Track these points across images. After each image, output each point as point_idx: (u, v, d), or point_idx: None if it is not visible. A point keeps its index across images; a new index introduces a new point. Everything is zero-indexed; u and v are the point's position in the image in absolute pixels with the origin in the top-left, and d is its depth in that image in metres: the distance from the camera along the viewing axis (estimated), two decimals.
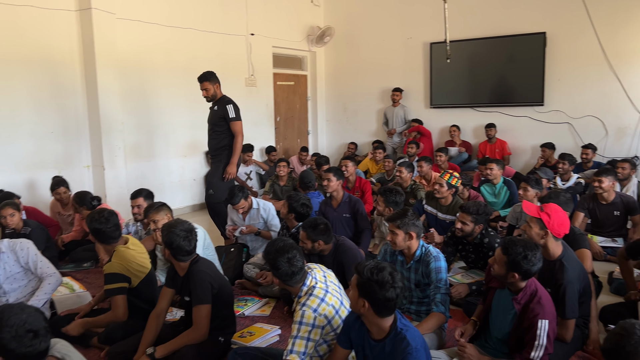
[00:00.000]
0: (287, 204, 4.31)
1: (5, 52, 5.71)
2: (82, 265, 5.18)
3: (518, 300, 2.62)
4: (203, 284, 2.96)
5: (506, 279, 2.63)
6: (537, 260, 2.56)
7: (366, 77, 9.79)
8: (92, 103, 6.42)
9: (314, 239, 3.56)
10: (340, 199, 5.02)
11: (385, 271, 2.21)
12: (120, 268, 3.25)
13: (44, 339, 1.89)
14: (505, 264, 2.60)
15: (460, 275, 4.19)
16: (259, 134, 9.03)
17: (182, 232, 2.99)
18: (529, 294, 2.60)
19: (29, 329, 1.85)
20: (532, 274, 2.61)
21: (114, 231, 3.37)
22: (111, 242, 3.39)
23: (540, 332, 2.49)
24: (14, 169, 5.91)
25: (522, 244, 2.59)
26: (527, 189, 4.73)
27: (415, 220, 3.16)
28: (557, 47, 7.82)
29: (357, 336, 2.40)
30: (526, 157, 8.35)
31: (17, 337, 1.83)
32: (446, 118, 8.96)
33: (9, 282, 3.52)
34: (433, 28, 8.45)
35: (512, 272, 2.58)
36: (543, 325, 2.49)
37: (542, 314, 2.51)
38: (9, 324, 1.84)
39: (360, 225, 4.89)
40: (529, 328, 2.52)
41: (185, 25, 7.53)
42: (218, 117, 5.41)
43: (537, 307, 2.53)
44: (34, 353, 1.86)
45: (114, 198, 6.39)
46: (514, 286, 2.65)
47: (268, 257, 2.72)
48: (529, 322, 2.53)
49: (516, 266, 2.56)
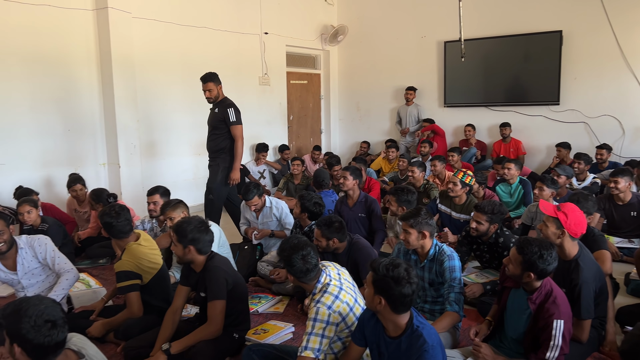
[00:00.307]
0: (300, 203, 4.32)
1: (24, 51, 5.80)
2: (98, 261, 5.24)
3: (533, 300, 2.61)
4: (218, 279, 2.99)
5: (521, 278, 2.61)
6: (552, 260, 2.54)
7: (379, 75, 9.77)
8: (108, 101, 6.50)
9: (328, 236, 3.57)
10: (357, 198, 5.02)
11: (400, 267, 2.21)
12: (130, 265, 3.29)
13: (62, 330, 1.91)
14: (520, 263, 2.58)
15: (475, 274, 4.18)
16: (272, 133, 9.07)
17: (199, 225, 3.07)
18: (544, 293, 2.59)
19: (47, 319, 1.88)
20: (548, 274, 2.59)
21: (124, 226, 3.40)
22: (122, 237, 3.43)
23: (555, 333, 2.47)
24: (32, 166, 6.00)
25: (537, 243, 2.58)
26: (543, 189, 4.69)
27: (429, 219, 3.16)
28: (573, 46, 7.73)
29: (372, 333, 2.40)
30: (541, 156, 8.27)
31: (36, 327, 1.86)
32: (460, 117, 8.91)
33: (27, 278, 3.57)
34: (447, 27, 8.40)
35: (527, 272, 2.56)
36: (558, 326, 2.47)
37: (558, 314, 2.49)
38: (28, 314, 1.87)
39: (375, 225, 4.89)
40: (544, 328, 2.51)
41: (200, 24, 7.58)
42: (218, 120, 5.33)
43: (552, 307, 2.51)
44: (51, 343, 1.89)
45: (129, 195, 6.46)
46: (529, 286, 2.63)
47: (283, 254, 2.74)
48: (544, 322, 2.51)
49: (532, 266, 2.54)
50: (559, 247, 2.94)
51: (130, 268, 3.29)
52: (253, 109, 8.65)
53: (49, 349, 1.91)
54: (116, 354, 3.21)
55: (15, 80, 5.76)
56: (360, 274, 3.54)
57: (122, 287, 3.30)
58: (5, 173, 5.74)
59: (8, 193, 5.60)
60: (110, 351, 3.24)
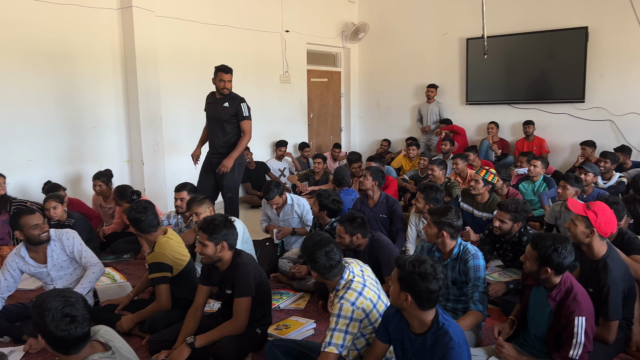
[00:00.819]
0: (318, 201, 4.32)
1: (52, 49, 5.91)
2: (123, 256, 5.33)
3: (553, 297, 2.58)
4: (247, 276, 3.02)
5: (539, 274, 2.60)
6: (567, 253, 2.53)
7: (400, 73, 9.72)
8: (132, 99, 6.60)
9: (352, 232, 3.57)
10: (377, 199, 4.98)
11: (426, 263, 2.20)
12: (163, 257, 3.35)
13: (81, 325, 1.94)
14: (536, 259, 2.58)
15: (498, 273, 4.14)
16: (292, 131, 9.10)
17: (226, 221, 3.11)
18: (564, 290, 2.56)
19: (66, 314, 1.92)
20: (565, 268, 2.57)
21: (152, 220, 3.48)
22: (150, 231, 3.50)
23: (577, 330, 2.44)
24: (59, 162, 6.12)
25: (551, 237, 2.58)
26: (567, 187, 4.61)
27: (454, 220, 3.11)
28: (599, 42, 7.59)
29: (396, 330, 2.40)
30: (565, 155, 8.14)
31: (54, 321, 1.91)
32: (482, 115, 8.82)
33: (56, 270, 3.66)
34: (470, 23, 8.32)
35: (544, 267, 2.55)
36: (580, 323, 2.44)
37: (579, 310, 2.46)
38: (48, 307, 1.93)
39: (396, 225, 4.88)
40: (566, 326, 2.48)
41: (222, 23, 7.63)
42: (230, 114, 5.28)
43: (572, 304, 2.49)
44: (69, 338, 1.93)
45: (152, 192, 6.55)
46: (548, 282, 2.61)
47: (306, 251, 2.74)
48: (566, 320, 2.48)
49: (547, 260, 2.53)
50: (587, 247, 2.91)
51: (163, 260, 3.35)
52: (273, 106, 8.70)
53: (69, 342, 1.95)
54: (141, 346, 3.27)
55: (42, 78, 5.88)
56: (382, 271, 3.54)
57: (154, 279, 3.36)
58: (33, 169, 5.87)
59: (36, 188, 5.73)
60: (136, 344, 3.29)
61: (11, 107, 5.65)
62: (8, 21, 5.52)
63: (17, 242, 5.06)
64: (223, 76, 5.25)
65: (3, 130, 5.61)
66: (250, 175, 8.12)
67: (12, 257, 3.59)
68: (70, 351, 1.98)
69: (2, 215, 5.16)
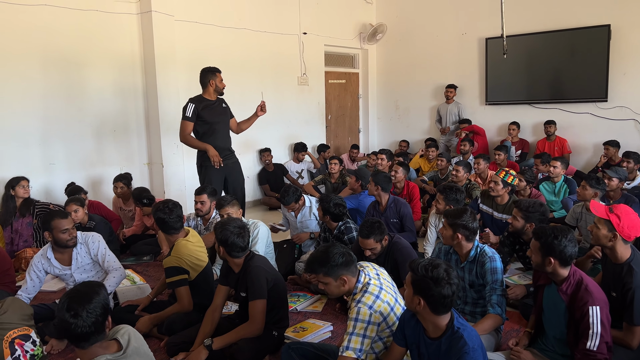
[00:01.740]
0: (320, 206, 4.33)
1: (74, 54, 6.03)
2: (142, 258, 5.39)
3: (564, 290, 2.58)
4: (260, 279, 3.02)
5: (544, 266, 2.61)
6: (568, 242, 2.54)
7: (419, 74, 9.66)
8: (151, 103, 6.69)
9: (378, 239, 3.54)
10: (386, 203, 4.94)
11: (440, 268, 2.18)
12: (178, 261, 3.39)
13: (82, 322, 1.98)
14: (539, 250, 2.60)
15: (517, 276, 4.09)
16: (310, 132, 9.11)
17: (236, 229, 3.08)
18: (574, 283, 2.57)
19: (69, 308, 1.99)
20: (569, 257, 2.57)
21: (176, 222, 3.52)
22: (173, 233, 3.54)
23: (593, 320, 2.42)
24: (81, 166, 6.23)
25: (551, 228, 2.62)
26: (586, 188, 4.52)
27: (470, 222, 3.08)
28: (622, 40, 7.43)
29: (412, 334, 2.38)
30: (587, 155, 7.99)
31: (60, 316, 2.01)
32: (502, 115, 8.71)
33: (79, 272, 3.72)
34: (489, 23, 8.23)
35: (548, 258, 2.57)
36: (595, 312, 2.43)
37: (592, 300, 2.45)
38: (61, 300, 2.03)
39: (405, 226, 4.85)
40: (582, 318, 2.46)
41: (240, 26, 7.69)
42: (230, 113, 5.44)
43: (585, 295, 2.48)
44: (74, 332, 1.99)
45: (172, 194, 6.61)
46: (556, 276, 2.62)
47: (317, 261, 2.64)
48: (580, 312, 2.47)
49: (549, 249, 2.55)
50: (610, 250, 2.85)
51: (179, 264, 3.39)
52: (291, 108, 8.72)
53: (77, 338, 2.01)
54: (159, 348, 3.30)
55: (64, 83, 6.00)
56: (400, 274, 3.51)
57: (172, 282, 3.40)
58: (55, 172, 5.99)
59: (59, 191, 5.85)
60: (154, 345, 3.31)
61: (34, 111, 5.78)
62: (31, 28, 5.65)
63: (40, 244, 5.19)
64: (221, 76, 5.28)
65: (26, 134, 5.74)
66: (268, 177, 8.16)
67: (38, 258, 3.65)
68: (79, 345, 2.04)
69: (26, 217, 5.28)
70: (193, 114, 5.12)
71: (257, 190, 8.33)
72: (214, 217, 4.74)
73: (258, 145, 8.25)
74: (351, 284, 2.64)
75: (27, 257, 4.89)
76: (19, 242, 5.23)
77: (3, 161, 5.58)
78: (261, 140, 8.23)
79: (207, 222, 4.75)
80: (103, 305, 2.07)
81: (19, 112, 5.66)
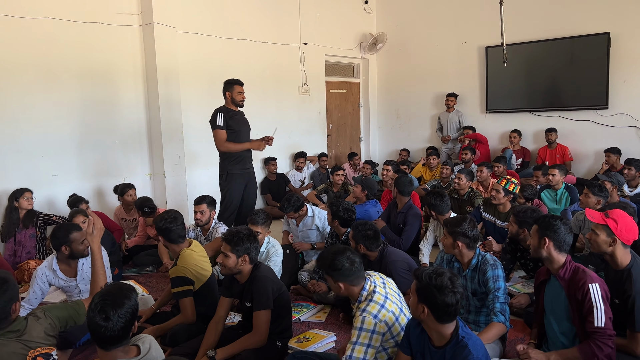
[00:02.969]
0: (330, 211, 4.36)
1: (76, 66, 6.07)
2: (145, 269, 5.39)
3: (561, 276, 2.68)
4: (266, 289, 3.02)
5: (540, 249, 2.73)
6: (563, 225, 2.73)
7: (419, 82, 9.70)
8: (153, 114, 6.72)
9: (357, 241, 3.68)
10: (401, 206, 5.09)
11: (444, 276, 2.18)
12: (185, 271, 3.38)
13: (113, 325, 2.00)
14: (536, 232, 2.78)
15: (521, 284, 4.08)
16: (311, 142, 9.13)
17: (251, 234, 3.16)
18: (571, 269, 2.67)
19: (101, 310, 2.01)
20: (562, 240, 2.70)
21: (182, 229, 3.54)
22: (179, 242, 3.54)
23: (595, 297, 2.51)
24: (82, 177, 6.24)
25: (551, 215, 2.88)
26: (589, 195, 4.53)
27: (469, 230, 3.09)
28: (622, 48, 7.47)
29: (417, 342, 2.38)
30: (589, 162, 8.00)
31: (92, 314, 2.02)
32: (503, 123, 8.73)
33: (84, 283, 3.73)
34: (488, 31, 8.27)
35: (543, 238, 2.71)
36: (595, 289, 2.53)
37: (590, 278, 2.57)
38: (94, 301, 2.07)
39: (403, 233, 4.95)
40: (584, 299, 2.53)
41: (241, 37, 7.74)
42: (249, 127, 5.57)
43: (582, 275, 2.60)
44: (104, 335, 2.01)
45: (174, 205, 6.62)
46: (552, 262, 2.73)
47: (325, 262, 2.70)
48: (581, 292, 2.55)
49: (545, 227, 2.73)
50: (610, 256, 2.85)
51: (185, 274, 3.38)
52: (293, 118, 8.75)
53: (103, 339, 2.03)
54: None
55: (67, 94, 6.03)
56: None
57: (177, 293, 3.39)
58: (58, 184, 6.00)
59: (61, 202, 5.86)
60: None
61: (37, 123, 5.80)
62: (34, 40, 5.69)
63: (43, 256, 5.19)
64: (240, 89, 5.40)
65: (29, 146, 5.76)
66: (270, 186, 8.17)
67: (42, 270, 3.65)
68: (104, 346, 2.06)
69: (29, 229, 5.28)
70: (224, 122, 5.31)
71: (259, 200, 8.33)
72: (213, 227, 4.75)
73: (259, 155, 8.24)
74: (350, 291, 2.69)
75: (29, 268, 4.89)
76: (22, 254, 5.23)
77: (6, 173, 5.60)
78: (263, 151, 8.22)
79: (207, 232, 4.76)
80: (133, 310, 2.08)
81: (21, 123, 5.68)
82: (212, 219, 4.76)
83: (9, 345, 2.23)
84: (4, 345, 2.22)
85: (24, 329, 2.31)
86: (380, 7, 10.05)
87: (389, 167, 6.70)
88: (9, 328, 2.28)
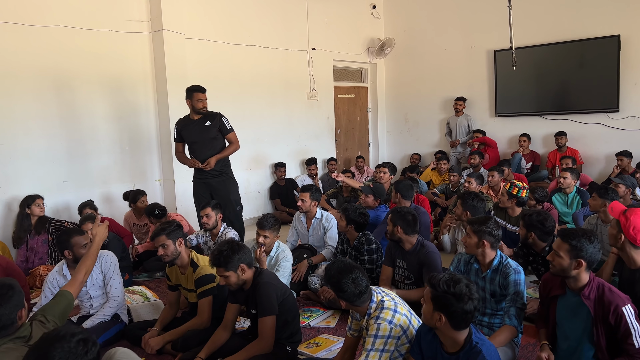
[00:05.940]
0: (344, 215, 4.31)
1: (87, 73, 6.13)
2: (155, 274, 5.40)
3: (586, 295, 2.51)
4: (269, 295, 3.02)
5: (570, 270, 2.52)
6: (598, 243, 2.52)
7: (428, 87, 9.68)
8: (163, 120, 6.76)
9: (394, 222, 3.75)
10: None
11: (461, 283, 2.16)
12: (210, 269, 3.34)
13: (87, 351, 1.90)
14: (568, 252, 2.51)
15: (532, 289, 4.05)
16: (320, 147, 9.14)
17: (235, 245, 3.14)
18: (595, 287, 2.51)
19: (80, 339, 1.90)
20: (595, 261, 2.53)
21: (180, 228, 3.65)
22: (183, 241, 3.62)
23: (630, 319, 2.40)
24: (93, 183, 6.29)
25: (580, 229, 2.66)
26: (595, 198, 4.54)
27: (494, 229, 3.09)
28: (633, 50, 7.41)
29: (428, 348, 2.36)
30: (600, 166, 7.93)
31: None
32: (513, 127, 8.69)
33: (94, 289, 3.74)
34: (497, 35, 8.25)
35: (577, 260, 2.49)
36: (629, 312, 2.41)
37: (621, 300, 2.43)
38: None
39: None
40: (618, 322, 2.41)
41: (250, 43, 7.78)
42: (215, 132, 5.39)
43: (611, 297, 2.45)
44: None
45: (184, 210, 6.64)
46: (577, 281, 2.54)
47: (331, 281, 2.63)
48: (615, 317, 2.41)
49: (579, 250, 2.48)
50: (622, 251, 2.84)
51: (212, 271, 3.35)
52: (301, 123, 8.77)
53: None
54: None
55: (78, 101, 6.09)
56: (424, 277, 3.63)
57: (203, 291, 3.41)
58: (69, 190, 6.05)
59: (73, 209, 5.90)
60: None
61: (48, 130, 5.86)
62: (44, 48, 5.76)
63: (55, 261, 5.22)
64: (200, 96, 5.35)
65: (41, 152, 5.81)
66: (280, 191, 8.19)
67: (53, 275, 3.68)
68: None
69: (42, 235, 5.32)
70: (177, 134, 5.53)
71: (267, 205, 8.35)
72: (222, 232, 4.74)
73: (269, 160, 8.29)
74: (355, 310, 2.70)
75: (41, 274, 4.93)
76: (34, 260, 5.27)
77: (18, 179, 5.65)
78: (272, 155, 8.28)
79: (216, 236, 4.76)
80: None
81: (33, 130, 5.74)
82: (219, 223, 4.77)
83: (18, 349, 2.24)
84: (14, 350, 2.23)
85: (30, 334, 2.32)
86: (388, 11, 10.05)
87: (385, 170, 6.63)
88: (16, 334, 2.28)
